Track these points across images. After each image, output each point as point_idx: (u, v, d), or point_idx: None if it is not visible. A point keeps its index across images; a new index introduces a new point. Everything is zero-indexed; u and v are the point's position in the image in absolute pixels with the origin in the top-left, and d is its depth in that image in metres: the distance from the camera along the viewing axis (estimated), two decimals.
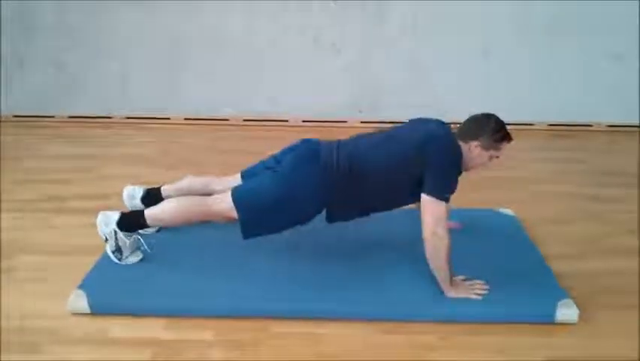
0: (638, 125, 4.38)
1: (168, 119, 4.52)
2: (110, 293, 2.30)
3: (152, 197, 2.70)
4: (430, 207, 2.21)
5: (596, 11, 4.10)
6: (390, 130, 2.50)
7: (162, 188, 2.74)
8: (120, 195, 2.87)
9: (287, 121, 4.50)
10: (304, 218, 2.38)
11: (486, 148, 2.31)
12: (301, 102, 4.47)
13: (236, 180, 2.60)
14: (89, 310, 2.23)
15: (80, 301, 2.24)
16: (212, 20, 4.26)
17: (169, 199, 2.50)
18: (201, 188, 2.65)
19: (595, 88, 4.32)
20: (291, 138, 4.18)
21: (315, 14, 4.22)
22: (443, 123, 2.43)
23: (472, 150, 2.31)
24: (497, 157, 2.36)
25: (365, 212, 2.44)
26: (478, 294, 2.27)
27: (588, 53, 4.24)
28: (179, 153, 3.99)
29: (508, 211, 2.97)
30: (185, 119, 4.52)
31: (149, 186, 2.77)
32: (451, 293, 2.26)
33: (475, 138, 2.30)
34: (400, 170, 2.28)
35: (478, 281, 2.32)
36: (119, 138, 4.26)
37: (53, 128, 4.41)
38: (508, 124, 2.37)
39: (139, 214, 2.43)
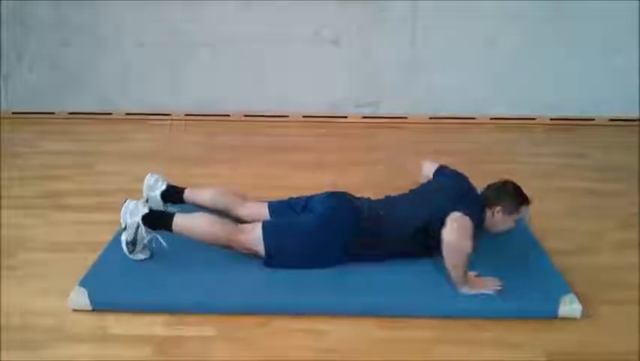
0: (639, 118, 4.36)
1: (169, 115, 4.51)
2: (110, 290, 2.29)
3: (173, 196, 2.72)
4: (452, 221, 2.23)
5: (597, 4, 4.07)
6: (418, 188, 2.63)
7: (185, 191, 2.75)
8: (120, 191, 2.87)
9: (287, 117, 4.49)
10: (326, 265, 2.42)
11: (509, 212, 2.44)
12: (302, 98, 4.45)
13: (262, 210, 2.63)
14: (89, 307, 2.23)
15: (80, 297, 2.23)
16: (211, 15, 4.24)
17: (201, 214, 2.49)
18: (224, 206, 2.68)
19: (597, 82, 4.31)
20: (292, 134, 4.24)
21: (316, 10, 4.19)
22: (468, 183, 2.58)
23: (495, 215, 2.43)
24: (517, 220, 2.50)
25: (383, 257, 2.47)
26: (492, 290, 2.27)
27: (589, 46, 4.22)
28: (180, 149, 3.98)
29: None
30: (186, 115, 4.51)
31: (172, 183, 2.77)
32: (465, 289, 2.26)
33: (497, 203, 2.43)
34: (425, 227, 2.36)
35: (491, 278, 2.32)
36: (119, 134, 4.24)
37: (53, 125, 4.40)
38: (510, 118, 2.37)
39: (168, 217, 2.43)
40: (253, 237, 2.38)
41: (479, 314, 2.22)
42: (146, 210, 2.42)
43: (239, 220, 2.58)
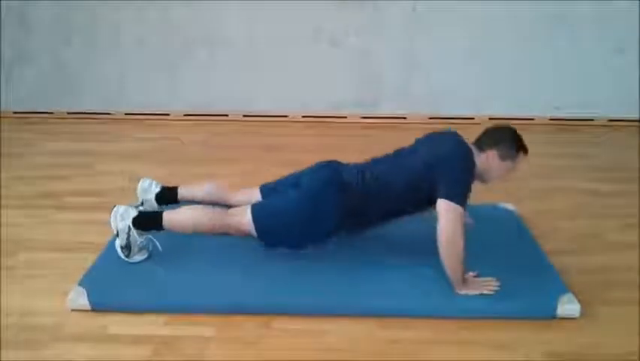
0: (638, 119, 4.37)
1: (167, 115, 4.51)
2: (110, 290, 2.29)
3: (167, 196, 2.71)
4: (445, 212, 2.21)
5: (596, 4, 4.08)
6: (405, 149, 2.54)
7: (179, 189, 2.73)
8: (119, 191, 2.87)
9: (287, 117, 4.49)
10: (320, 240, 2.43)
11: (503, 158, 2.35)
12: (301, 98, 4.45)
13: (254, 194, 2.61)
14: (89, 307, 2.23)
15: (80, 297, 2.23)
16: (210, 15, 4.25)
17: (188, 207, 2.50)
18: (218, 198, 2.66)
19: (596, 82, 4.31)
20: (291, 134, 4.24)
21: (315, 10, 4.20)
22: (458, 136, 2.46)
23: (490, 159, 2.35)
24: (514, 169, 2.41)
25: (380, 223, 2.48)
26: (490, 290, 2.27)
27: (589, 46, 4.23)
28: (179, 149, 3.98)
29: (509, 206, 2.97)
30: (185, 115, 4.51)
31: (166, 184, 2.76)
32: (463, 290, 2.26)
33: (492, 146, 2.35)
34: (416, 190, 2.33)
35: (489, 278, 2.32)
36: (118, 134, 4.25)
37: (52, 125, 4.40)
38: (509, 119, 2.37)
39: (156, 216, 2.43)
40: (244, 219, 2.36)
41: (478, 314, 2.22)
42: (134, 213, 2.42)
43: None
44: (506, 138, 2.37)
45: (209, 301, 2.26)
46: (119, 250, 2.42)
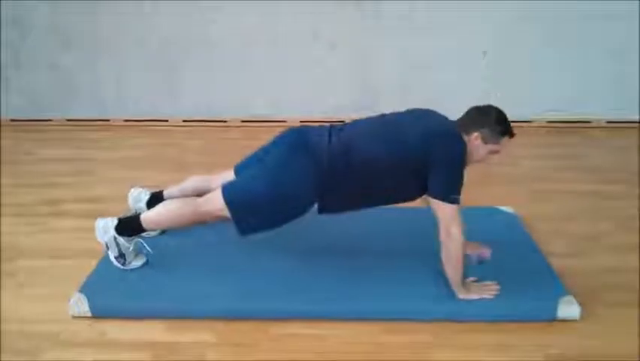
0: (637, 121, 4.38)
1: (166, 121, 4.51)
2: (110, 296, 2.29)
3: (157, 201, 2.67)
4: (441, 211, 2.18)
5: (595, 7, 4.09)
6: (389, 118, 2.37)
7: (165, 191, 2.70)
8: (118, 198, 2.86)
9: (285, 121, 4.49)
10: (297, 212, 2.29)
11: (486, 141, 2.22)
12: (299, 102, 4.46)
13: (229, 175, 2.53)
14: (89, 314, 2.23)
15: (80, 304, 2.23)
16: (209, 20, 4.26)
17: (162, 202, 2.48)
18: (204, 188, 2.57)
19: (594, 84, 4.32)
20: None
21: (314, 13, 4.21)
22: (444, 117, 2.36)
23: (472, 141, 2.21)
24: (497, 152, 2.28)
25: (359, 205, 2.35)
26: (490, 295, 2.26)
27: (587, 48, 4.24)
28: (178, 155, 3.99)
29: (509, 209, 2.97)
30: (184, 120, 4.51)
31: (155, 190, 2.75)
32: (463, 295, 2.25)
33: (476, 129, 2.21)
34: (400, 165, 2.20)
35: (489, 282, 2.32)
36: (117, 140, 4.25)
37: (51, 132, 4.41)
38: None
39: (135, 219, 2.41)
40: (215, 203, 2.28)
41: (478, 317, 2.22)
42: (115, 222, 2.40)
43: None
44: (490, 119, 2.23)
45: (208, 307, 2.25)
46: (114, 261, 2.42)
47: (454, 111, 2.41)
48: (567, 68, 4.28)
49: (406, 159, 2.20)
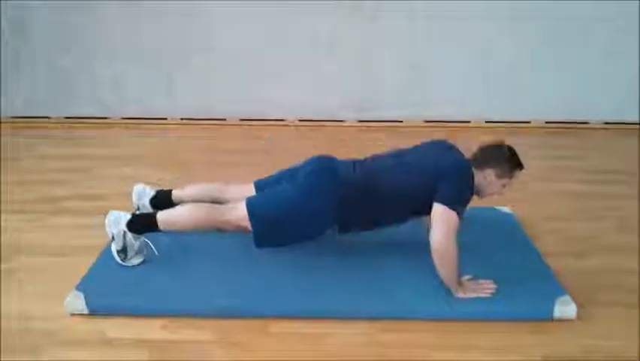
0: (634, 122, 4.39)
1: (165, 119, 4.51)
2: (107, 294, 2.29)
3: (162, 200, 2.69)
4: (439, 216, 2.21)
5: (593, 8, 4.10)
6: (406, 152, 2.53)
7: (173, 192, 2.71)
8: (117, 195, 2.86)
9: (284, 120, 4.50)
10: (316, 233, 2.41)
11: (500, 176, 2.35)
12: (298, 102, 4.46)
13: (249, 189, 2.59)
14: (86, 311, 2.23)
15: (77, 301, 2.23)
16: (208, 20, 4.26)
17: (183, 204, 2.50)
18: (213, 195, 2.63)
19: (591, 85, 4.33)
20: (289, 138, 4.24)
21: (313, 14, 4.21)
22: (456, 149, 2.47)
23: (487, 177, 2.35)
24: (510, 184, 2.41)
25: (375, 227, 2.47)
26: (486, 293, 2.27)
27: (585, 49, 4.25)
28: (176, 153, 3.99)
29: (507, 209, 2.98)
30: (182, 119, 4.52)
31: (160, 188, 2.76)
32: (460, 294, 2.26)
33: (489, 165, 2.34)
34: (413, 195, 2.33)
35: (484, 280, 2.33)
36: (116, 138, 4.25)
37: (50, 130, 4.41)
38: (506, 122, 2.37)
39: (151, 217, 2.42)
40: (238, 214, 2.35)
41: (476, 317, 2.22)
42: (128, 217, 2.42)
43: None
44: (502, 157, 2.36)
45: (206, 305, 2.25)
46: (115, 254, 2.43)
47: (449, 115, 2.41)
48: (566, 68, 4.29)
49: (418, 192, 2.31)
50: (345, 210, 2.36)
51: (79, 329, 2.18)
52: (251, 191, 2.57)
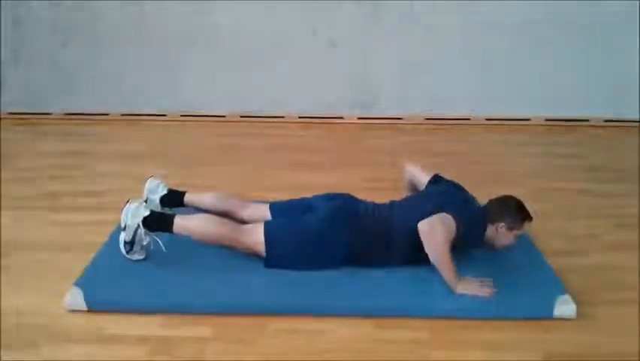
0: (635, 120, 4.38)
1: (165, 115, 4.50)
2: (106, 290, 2.29)
3: (173, 200, 2.69)
4: (437, 217, 2.28)
5: (594, 6, 4.09)
6: (429, 193, 2.60)
7: (186, 195, 2.71)
8: (117, 191, 2.86)
9: (283, 117, 4.49)
10: (325, 266, 2.42)
11: (511, 228, 2.40)
12: (298, 98, 4.45)
13: (264, 209, 2.61)
14: (85, 308, 2.22)
15: (76, 298, 2.22)
16: (208, 17, 4.24)
17: (202, 215, 2.51)
18: (229, 209, 2.64)
19: (592, 83, 4.32)
20: (288, 134, 4.24)
21: (313, 11, 4.20)
22: (473, 199, 2.56)
23: (499, 230, 2.40)
24: (520, 234, 2.46)
25: (383, 266, 2.45)
26: (485, 293, 2.27)
27: (586, 47, 4.24)
28: (176, 149, 3.98)
29: None
30: (182, 115, 4.51)
31: (173, 188, 2.75)
32: (460, 289, 2.26)
33: (500, 220, 2.40)
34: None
35: (485, 279, 2.32)
36: (116, 134, 4.24)
37: (49, 126, 4.39)
38: (506, 119, 2.36)
39: (169, 219, 2.43)
40: (255, 237, 2.40)
41: (475, 315, 2.22)
42: (147, 213, 2.42)
43: (241, 222, 2.56)
44: (512, 211, 2.42)
45: (205, 302, 2.25)
46: (121, 244, 2.42)
47: (450, 112, 2.41)
48: (566, 65, 4.28)
49: None
50: (358, 249, 2.40)
51: (77, 325, 2.18)
52: (266, 212, 2.60)
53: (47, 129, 4.32)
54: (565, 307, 2.21)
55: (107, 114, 4.52)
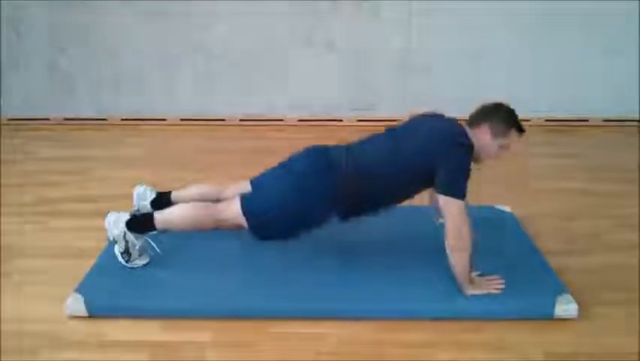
0: (634, 119, 4.38)
1: (164, 120, 4.51)
2: (107, 296, 2.29)
3: (162, 201, 2.68)
4: (448, 208, 2.20)
5: (593, 5, 4.09)
6: (397, 128, 2.49)
7: (172, 193, 2.70)
8: (116, 197, 2.86)
9: (282, 120, 4.49)
10: (314, 224, 2.38)
11: (495, 135, 2.29)
12: (297, 101, 4.46)
13: (245, 187, 2.56)
14: (86, 313, 2.22)
15: (77, 304, 2.22)
16: (206, 20, 4.25)
17: (179, 204, 2.49)
18: (212, 196, 2.62)
19: (591, 82, 4.32)
20: (287, 137, 4.23)
21: (310, 13, 4.20)
22: (448, 118, 2.43)
23: (482, 136, 2.29)
24: (507, 148, 2.34)
25: (376, 209, 2.42)
26: (497, 289, 2.27)
27: (585, 47, 4.24)
28: (176, 154, 3.98)
29: (505, 208, 2.97)
30: (181, 120, 4.51)
31: (161, 190, 2.74)
32: (470, 291, 2.26)
33: (484, 121, 2.30)
34: (409, 170, 2.29)
35: (493, 276, 2.32)
36: (115, 139, 4.24)
37: (48, 131, 4.40)
38: None
39: (149, 217, 2.42)
40: (233, 211, 2.34)
41: (476, 316, 2.22)
42: (127, 217, 2.41)
43: None
44: (499, 114, 2.32)
45: (206, 306, 2.25)
46: (119, 256, 2.42)
47: (451, 108, 2.41)
48: (566, 65, 4.29)
49: (413, 165, 2.29)
50: (342, 201, 2.32)
51: (78, 331, 2.18)
52: (247, 189, 2.54)
53: (46, 135, 4.32)
54: (566, 306, 2.21)
55: (106, 119, 4.52)
